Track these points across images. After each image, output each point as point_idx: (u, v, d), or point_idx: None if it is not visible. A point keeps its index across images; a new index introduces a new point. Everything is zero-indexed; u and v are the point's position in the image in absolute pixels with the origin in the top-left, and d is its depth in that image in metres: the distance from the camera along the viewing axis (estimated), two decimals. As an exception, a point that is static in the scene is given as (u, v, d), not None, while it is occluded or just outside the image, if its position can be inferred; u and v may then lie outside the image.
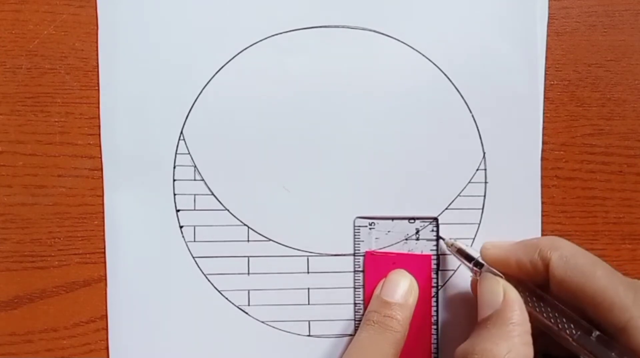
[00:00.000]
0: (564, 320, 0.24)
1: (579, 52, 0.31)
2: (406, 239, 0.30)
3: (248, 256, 0.30)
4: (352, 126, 0.30)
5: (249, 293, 0.30)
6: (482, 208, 0.31)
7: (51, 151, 0.30)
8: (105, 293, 0.30)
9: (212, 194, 0.30)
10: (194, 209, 0.30)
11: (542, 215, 0.31)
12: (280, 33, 0.30)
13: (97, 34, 0.30)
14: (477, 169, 0.31)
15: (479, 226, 0.31)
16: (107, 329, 0.30)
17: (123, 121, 0.30)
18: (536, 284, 0.26)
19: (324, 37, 0.30)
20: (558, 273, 0.24)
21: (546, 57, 0.31)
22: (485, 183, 0.31)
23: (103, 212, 0.30)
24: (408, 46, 0.30)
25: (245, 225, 0.30)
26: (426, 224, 0.30)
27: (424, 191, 0.30)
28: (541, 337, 0.25)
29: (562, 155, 0.31)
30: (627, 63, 0.31)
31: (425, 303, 0.30)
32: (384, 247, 0.30)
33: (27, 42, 0.30)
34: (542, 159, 0.31)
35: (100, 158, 0.30)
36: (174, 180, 0.30)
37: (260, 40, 0.30)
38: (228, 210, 0.30)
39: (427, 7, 0.30)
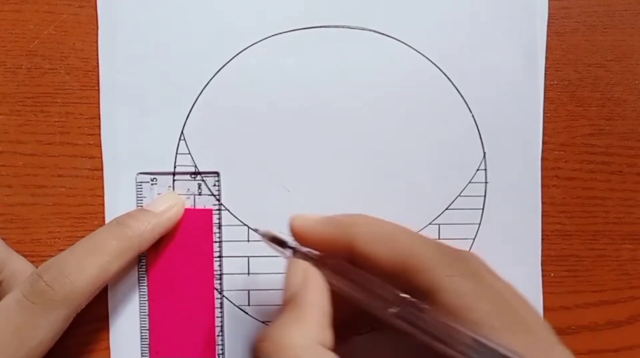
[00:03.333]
0: (375, 292, 0.23)
1: (579, 52, 0.31)
2: (189, 195, 0.30)
3: (248, 256, 0.30)
4: (352, 126, 0.30)
5: (249, 293, 0.30)
6: (482, 208, 0.31)
7: (51, 151, 0.30)
8: (106, 293, 0.29)
9: (212, 194, 0.30)
10: (194, 209, 0.30)
11: (542, 215, 0.31)
12: (280, 33, 0.30)
13: (97, 34, 0.30)
14: (477, 170, 0.31)
15: (479, 226, 0.31)
16: (107, 329, 0.30)
17: (123, 121, 0.30)
18: (348, 260, 0.24)
19: (324, 37, 0.30)
20: (362, 246, 0.23)
21: (546, 57, 0.31)
22: (486, 183, 0.31)
23: (103, 212, 0.30)
24: (408, 46, 0.30)
25: (245, 225, 0.30)
26: (208, 178, 0.30)
27: (424, 191, 0.30)
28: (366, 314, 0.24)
29: (562, 155, 0.31)
30: (627, 63, 0.31)
31: (206, 257, 0.30)
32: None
33: (27, 42, 0.30)
34: (542, 159, 0.31)
35: (100, 158, 0.30)
36: (174, 180, 0.30)
37: (260, 40, 0.30)
38: (228, 210, 0.30)
39: (427, 7, 0.30)
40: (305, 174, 0.30)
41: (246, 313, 0.30)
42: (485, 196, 0.31)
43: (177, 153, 0.30)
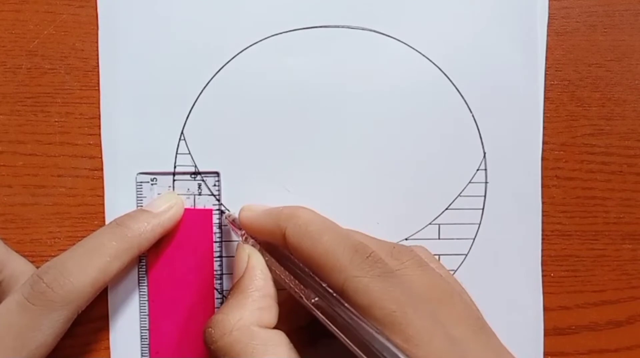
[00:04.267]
0: (302, 284, 0.24)
1: (579, 52, 0.31)
2: (189, 194, 0.30)
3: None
4: (352, 126, 0.30)
5: None
6: (483, 208, 0.31)
7: (51, 151, 0.30)
8: (106, 293, 0.29)
9: (212, 194, 0.30)
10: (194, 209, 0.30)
11: (542, 215, 0.31)
12: (280, 33, 0.30)
13: (97, 34, 0.30)
14: (478, 169, 0.31)
15: (479, 226, 0.31)
16: (107, 329, 0.30)
17: (123, 121, 0.30)
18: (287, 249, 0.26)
19: (324, 37, 0.30)
20: (291, 240, 0.24)
21: (546, 57, 0.31)
22: (486, 183, 0.31)
23: (103, 212, 0.30)
24: (408, 45, 0.30)
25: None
26: (208, 178, 0.30)
27: (424, 191, 0.30)
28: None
29: (562, 155, 0.31)
30: (627, 63, 0.31)
31: (206, 257, 0.30)
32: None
33: (27, 42, 0.30)
34: (542, 159, 0.31)
35: (101, 158, 0.30)
36: (174, 180, 0.30)
37: (260, 40, 0.30)
38: (228, 210, 0.30)
39: (427, 7, 0.30)
40: (305, 174, 0.30)
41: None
42: (485, 196, 0.31)
43: (177, 153, 0.30)
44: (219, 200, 0.30)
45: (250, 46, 0.30)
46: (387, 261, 0.23)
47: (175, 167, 0.30)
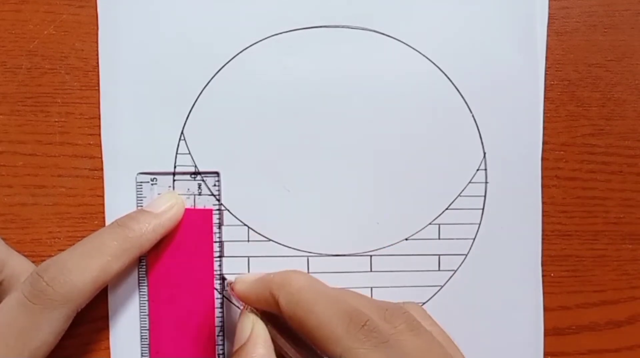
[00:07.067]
0: (301, 355, 0.25)
1: (579, 52, 0.31)
2: (189, 194, 0.30)
3: (248, 257, 0.30)
4: (352, 125, 0.30)
5: None
6: (483, 208, 0.31)
7: (51, 151, 0.30)
8: (106, 293, 0.29)
9: (212, 194, 0.30)
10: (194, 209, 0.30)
11: (542, 215, 0.31)
12: (280, 33, 0.30)
13: (97, 34, 0.30)
14: (478, 170, 0.31)
15: (479, 227, 0.31)
16: (107, 329, 0.30)
17: (123, 121, 0.30)
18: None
19: (324, 37, 0.30)
20: (285, 310, 0.24)
21: (546, 57, 0.31)
22: (486, 183, 0.31)
23: (103, 212, 0.30)
24: (408, 45, 0.30)
25: (245, 224, 0.30)
26: (208, 178, 0.30)
27: (424, 191, 0.30)
28: None
29: (562, 155, 0.31)
30: (627, 63, 0.31)
31: (206, 257, 0.30)
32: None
33: (27, 42, 0.30)
34: (542, 159, 0.31)
35: (101, 158, 0.30)
36: (174, 180, 0.30)
37: (260, 40, 0.30)
38: (228, 210, 0.30)
39: (427, 8, 0.30)
40: (305, 174, 0.30)
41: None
42: (485, 196, 0.31)
43: (177, 153, 0.30)
44: (219, 200, 0.30)
45: (250, 45, 0.30)
46: (380, 327, 0.23)
47: (175, 167, 0.30)
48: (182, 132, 0.30)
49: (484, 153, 0.31)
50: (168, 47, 0.30)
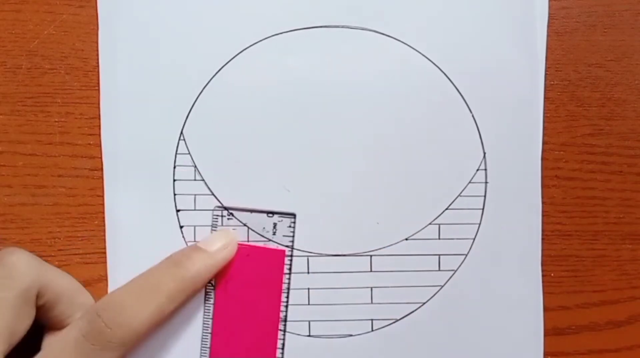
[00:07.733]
0: None
1: (579, 52, 0.31)
2: (263, 233, 0.30)
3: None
4: (352, 126, 0.30)
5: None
6: (483, 208, 0.31)
7: (51, 151, 0.30)
8: (106, 293, 0.29)
9: (212, 194, 0.30)
10: (194, 210, 0.30)
11: (542, 215, 0.31)
12: (281, 33, 0.30)
13: (97, 34, 0.30)
14: (478, 170, 0.31)
15: (479, 227, 0.31)
16: None
17: (123, 121, 0.30)
18: None
19: (324, 37, 0.30)
20: None
21: (546, 57, 0.31)
22: (486, 183, 0.31)
23: (103, 212, 0.30)
24: (408, 46, 0.30)
25: (245, 225, 0.30)
26: (283, 219, 0.30)
27: (424, 191, 0.30)
28: None
29: (562, 155, 0.31)
30: (627, 63, 0.31)
31: (274, 298, 0.30)
32: (241, 239, 0.30)
33: (27, 42, 0.30)
34: (542, 159, 0.31)
35: (100, 158, 0.30)
36: (174, 180, 0.30)
37: (260, 40, 0.30)
38: (228, 210, 0.30)
39: (427, 8, 0.30)
40: (305, 174, 0.30)
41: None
42: (485, 196, 0.31)
43: (176, 153, 0.30)
44: (292, 242, 0.30)
45: (250, 45, 0.30)
46: None
47: (175, 167, 0.30)
48: (181, 133, 0.30)
49: (484, 153, 0.31)
50: (168, 47, 0.30)
